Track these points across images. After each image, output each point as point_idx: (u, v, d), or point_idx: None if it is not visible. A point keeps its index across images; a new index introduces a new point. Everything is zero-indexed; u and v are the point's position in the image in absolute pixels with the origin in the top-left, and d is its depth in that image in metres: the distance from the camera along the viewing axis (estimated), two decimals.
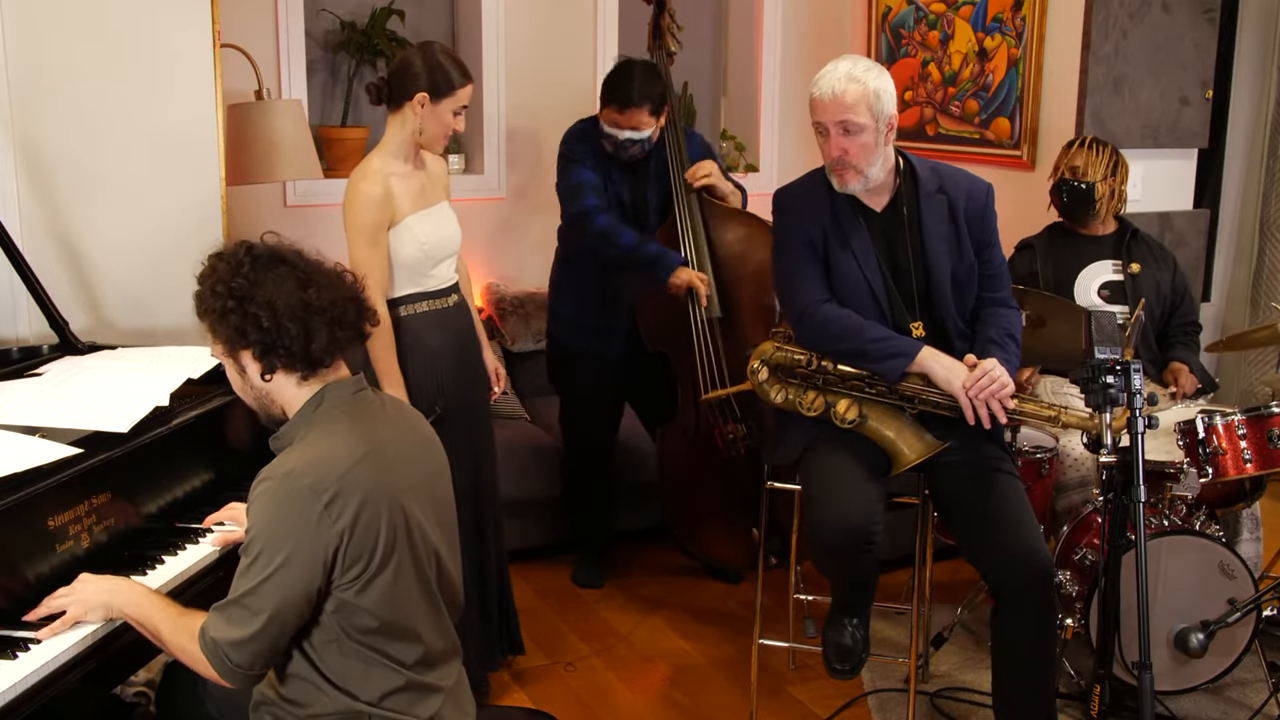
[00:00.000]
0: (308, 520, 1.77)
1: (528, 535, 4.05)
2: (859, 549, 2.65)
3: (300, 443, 1.88)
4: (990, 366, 2.67)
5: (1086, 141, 3.68)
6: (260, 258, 1.90)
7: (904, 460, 2.76)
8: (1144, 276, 3.65)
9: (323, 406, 1.92)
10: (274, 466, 1.82)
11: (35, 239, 2.96)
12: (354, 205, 2.89)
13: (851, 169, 2.72)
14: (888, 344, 2.73)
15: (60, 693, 1.85)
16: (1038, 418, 2.77)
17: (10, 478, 1.99)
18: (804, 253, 2.82)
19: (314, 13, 4.36)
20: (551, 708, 3.08)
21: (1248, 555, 3.36)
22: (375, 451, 1.88)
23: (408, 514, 1.89)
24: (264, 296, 1.86)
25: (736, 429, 3.63)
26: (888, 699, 3.23)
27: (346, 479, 1.81)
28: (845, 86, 2.67)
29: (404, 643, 1.89)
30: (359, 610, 1.83)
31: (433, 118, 2.91)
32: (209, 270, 1.92)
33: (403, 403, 2.18)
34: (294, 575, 1.77)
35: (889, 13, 4.89)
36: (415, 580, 1.91)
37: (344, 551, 1.80)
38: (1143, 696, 2.34)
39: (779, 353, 2.84)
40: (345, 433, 1.88)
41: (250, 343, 1.88)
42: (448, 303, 3.06)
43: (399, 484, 1.90)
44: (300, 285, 1.88)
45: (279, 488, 1.79)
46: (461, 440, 3.07)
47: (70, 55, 2.96)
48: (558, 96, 4.58)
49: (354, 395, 1.96)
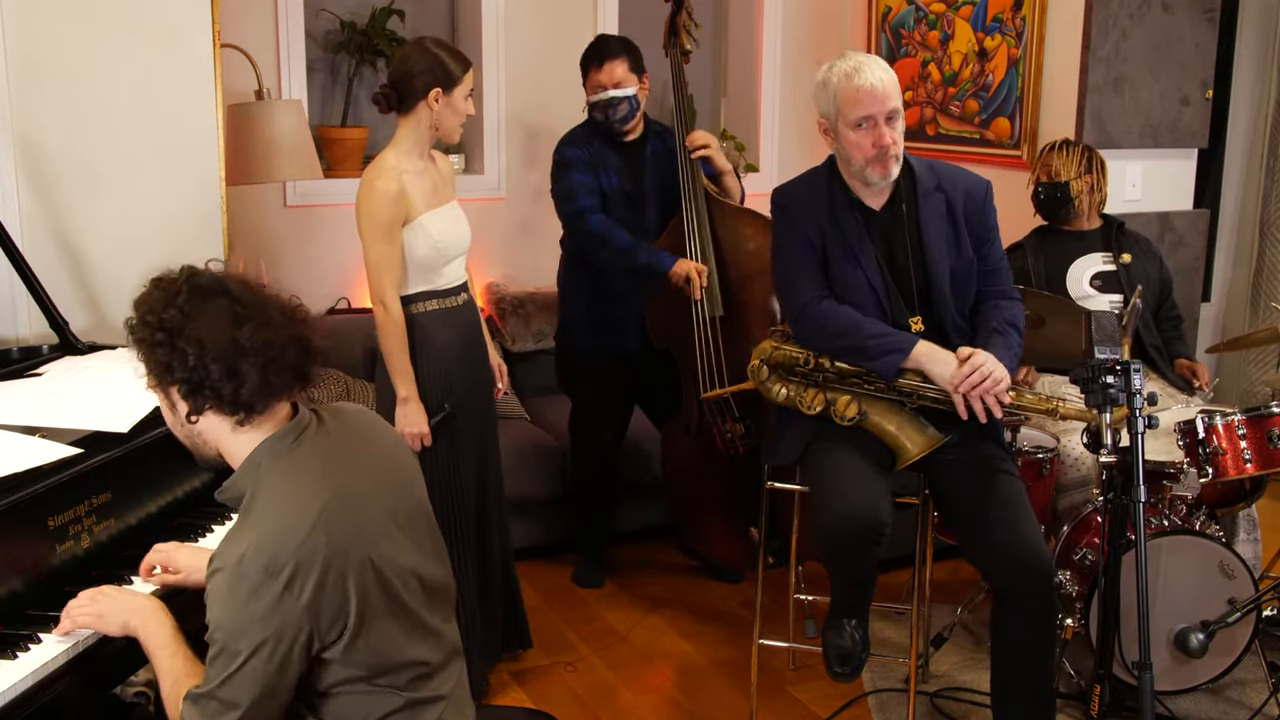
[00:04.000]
0: (269, 606, 1.66)
1: (528, 534, 4.05)
2: (869, 540, 2.63)
3: (246, 515, 1.75)
4: (980, 361, 2.65)
5: (1057, 144, 3.78)
6: (199, 288, 1.77)
7: (907, 454, 2.76)
8: (1135, 266, 3.72)
9: (262, 469, 1.78)
10: (225, 553, 1.69)
11: (35, 239, 2.97)
12: (369, 202, 2.90)
13: (894, 158, 2.74)
14: (884, 340, 2.73)
15: (60, 693, 1.85)
16: (1035, 411, 2.77)
17: (10, 478, 1.99)
18: (802, 251, 2.82)
19: (314, 13, 4.37)
20: (551, 708, 3.08)
21: (1246, 555, 3.36)
22: (330, 502, 1.75)
23: (376, 562, 1.77)
24: (193, 332, 1.73)
25: (735, 428, 3.63)
26: (888, 699, 3.23)
27: (303, 549, 1.68)
28: (886, 76, 2.71)
29: (398, 673, 1.83)
30: (348, 664, 1.77)
31: (448, 109, 2.94)
32: (145, 296, 1.79)
33: (354, 411, 1.98)
34: (264, 664, 1.67)
35: (889, 13, 4.89)
36: (398, 619, 1.82)
37: (316, 623, 1.70)
38: (1143, 696, 2.34)
39: (778, 351, 2.85)
40: (292, 495, 1.74)
41: (176, 379, 1.75)
42: (457, 301, 3.07)
43: (362, 528, 1.78)
44: (234, 322, 1.74)
45: (232, 578, 1.67)
46: (469, 436, 3.09)
47: (70, 55, 2.96)
48: (558, 97, 4.57)
49: (292, 446, 1.80)
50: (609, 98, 3.61)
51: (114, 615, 1.87)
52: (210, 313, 1.74)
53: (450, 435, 3.03)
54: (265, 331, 1.76)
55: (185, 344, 1.72)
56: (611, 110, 3.62)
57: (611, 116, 3.63)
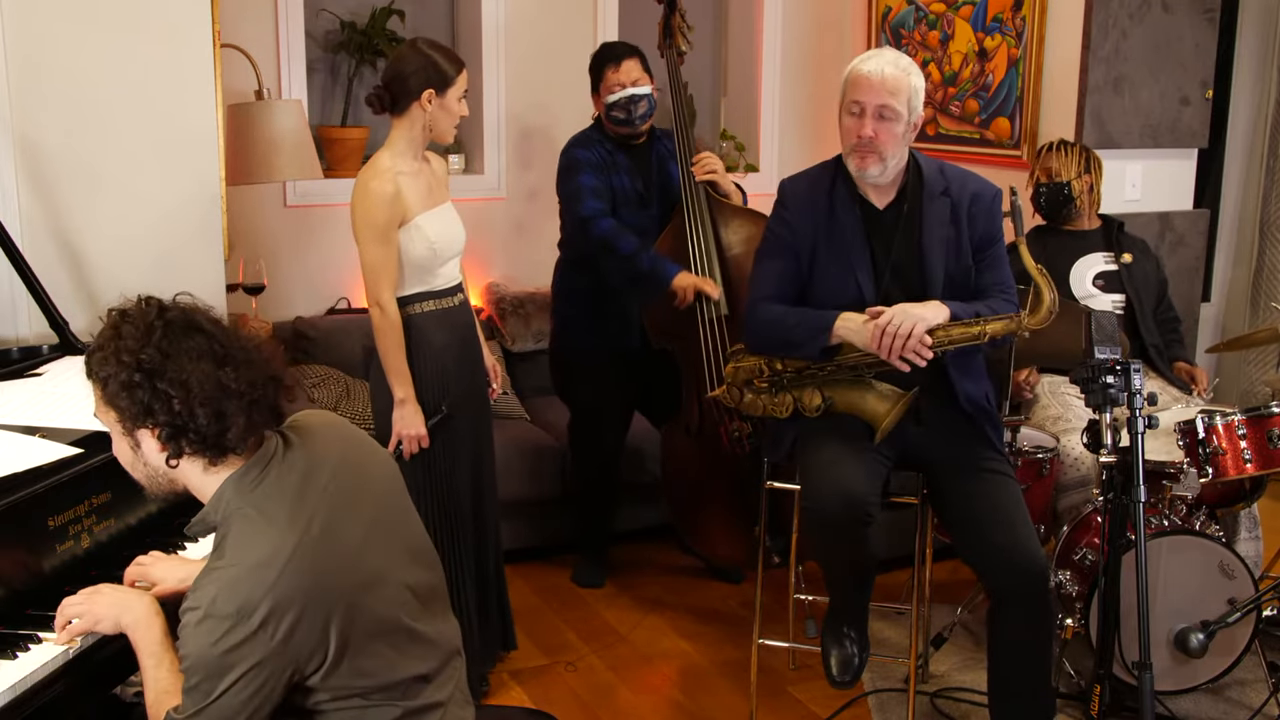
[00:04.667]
0: (243, 647, 1.63)
1: (528, 535, 4.05)
2: (856, 520, 2.62)
3: (219, 554, 1.70)
4: (885, 320, 2.62)
5: (1055, 145, 3.78)
6: (174, 324, 1.70)
7: (881, 418, 2.75)
8: (1136, 266, 3.73)
9: (230, 504, 1.72)
10: (199, 593, 1.65)
11: (35, 239, 2.96)
12: (365, 203, 2.89)
13: (875, 154, 2.72)
14: (806, 325, 2.75)
15: (60, 693, 1.85)
16: (964, 341, 2.68)
17: (10, 478, 1.99)
18: (776, 251, 2.85)
19: (314, 13, 4.37)
20: (551, 708, 3.08)
21: (1246, 555, 3.36)
22: (304, 536, 1.70)
23: (361, 594, 1.74)
24: (177, 374, 1.66)
25: (742, 427, 3.63)
26: (888, 699, 3.23)
27: (277, 588, 1.64)
28: (893, 72, 2.69)
29: (393, 689, 1.82)
30: (331, 687, 1.75)
31: (442, 110, 2.94)
32: (112, 332, 1.70)
33: (322, 425, 1.92)
34: (240, 698, 1.65)
35: (889, 13, 4.89)
36: (390, 638, 1.80)
37: (295, 659, 1.68)
38: (1143, 696, 2.34)
39: (738, 371, 2.90)
40: (263, 533, 1.69)
41: (158, 423, 1.68)
42: (452, 302, 3.07)
43: (343, 559, 1.74)
44: (217, 363, 1.68)
45: (206, 619, 1.63)
46: (464, 438, 3.09)
47: (70, 55, 2.96)
48: (558, 97, 4.58)
49: (259, 479, 1.74)
50: (630, 95, 3.62)
51: (109, 614, 1.86)
52: (191, 353, 1.68)
53: (446, 436, 3.03)
54: (248, 371, 1.71)
55: (168, 386, 1.66)
56: (633, 107, 3.63)
57: (633, 113, 3.64)
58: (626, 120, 3.65)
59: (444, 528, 3.03)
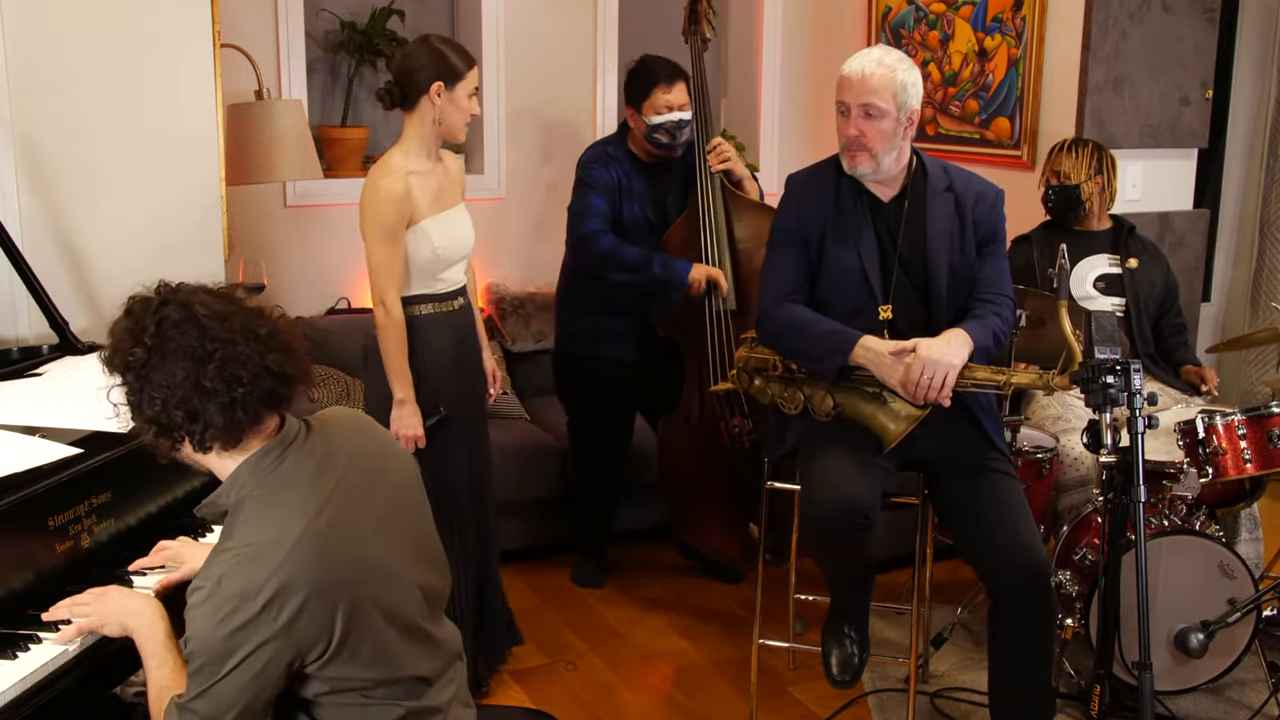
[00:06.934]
0: (246, 628, 1.65)
1: (528, 535, 4.05)
2: (855, 525, 2.62)
3: (229, 535, 1.74)
4: (919, 370, 2.61)
5: (1067, 144, 3.75)
6: (166, 320, 1.72)
7: (890, 436, 2.75)
8: (1141, 272, 3.70)
9: (244, 487, 1.76)
10: (206, 572, 1.69)
11: (35, 239, 2.96)
12: (374, 201, 2.88)
13: (865, 152, 2.73)
14: (825, 342, 2.73)
15: (60, 693, 1.85)
16: (987, 387, 2.71)
17: (10, 478, 1.99)
18: (788, 245, 2.84)
19: (314, 13, 4.37)
20: (551, 707, 3.08)
21: (1246, 555, 3.36)
22: (315, 523, 1.73)
23: (370, 586, 1.76)
24: (156, 376, 1.70)
25: (743, 423, 3.62)
26: (888, 699, 3.23)
27: (283, 571, 1.66)
28: (874, 70, 2.70)
29: (396, 686, 1.83)
30: (331, 678, 1.76)
31: (450, 105, 2.91)
32: (117, 324, 1.77)
33: (347, 419, 1.96)
34: (242, 681, 1.67)
35: (889, 13, 4.89)
36: (397, 633, 1.81)
37: (297, 644, 1.69)
38: (1143, 696, 2.34)
39: (751, 358, 2.90)
40: (274, 516, 1.72)
41: (145, 419, 1.74)
42: (453, 305, 3.06)
43: (354, 550, 1.76)
44: (198, 362, 1.70)
45: (211, 598, 1.67)
46: (461, 440, 3.08)
47: (70, 55, 2.96)
48: (558, 97, 4.58)
49: (276, 463, 1.77)
50: (678, 120, 3.55)
51: (114, 616, 1.87)
52: (174, 353, 1.71)
53: (443, 438, 3.03)
54: (231, 368, 1.71)
55: (150, 388, 1.71)
56: (678, 132, 3.56)
57: (677, 139, 3.57)
58: (669, 145, 3.58)
59: (442, 530, 3.01)
